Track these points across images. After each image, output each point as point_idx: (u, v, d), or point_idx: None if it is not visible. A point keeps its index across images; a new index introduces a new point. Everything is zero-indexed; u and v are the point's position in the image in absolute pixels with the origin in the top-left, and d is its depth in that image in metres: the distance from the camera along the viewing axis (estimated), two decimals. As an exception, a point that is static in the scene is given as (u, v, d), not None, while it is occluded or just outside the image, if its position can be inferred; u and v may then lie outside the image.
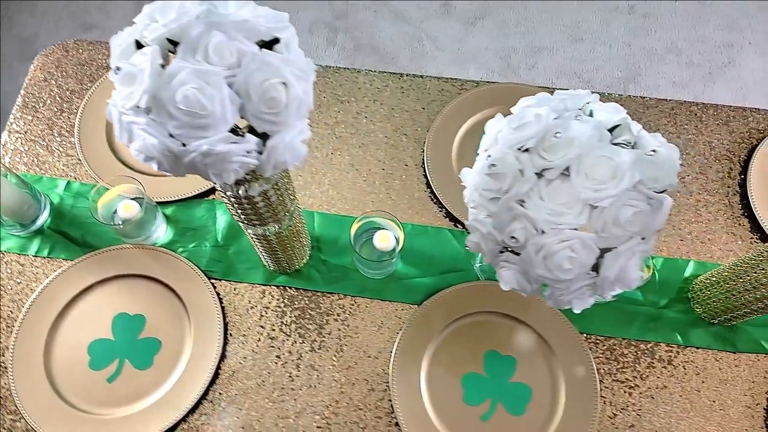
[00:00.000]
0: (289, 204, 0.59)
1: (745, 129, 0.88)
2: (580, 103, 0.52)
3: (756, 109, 0.90)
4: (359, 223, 0.74)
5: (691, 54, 1.85)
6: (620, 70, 1.83)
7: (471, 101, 0.91)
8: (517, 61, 1.84)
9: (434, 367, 0.74)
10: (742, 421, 0.71)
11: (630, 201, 0.43)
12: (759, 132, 0.88)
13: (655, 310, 0.77)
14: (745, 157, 0.86)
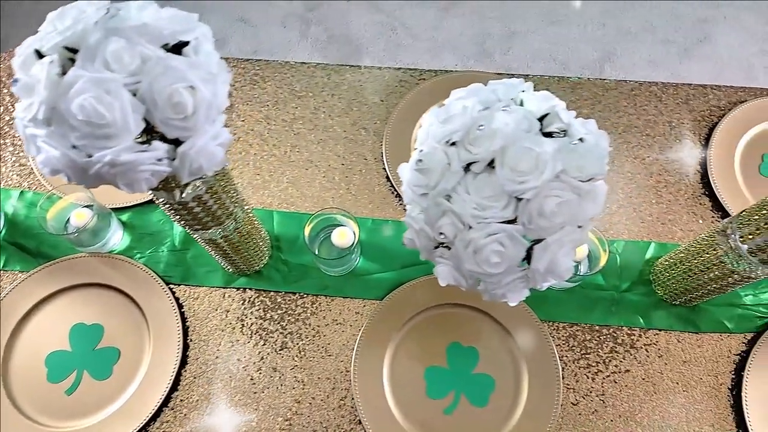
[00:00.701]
0: (231, 207, 0.59)
1: (705, 107, 0.87)
2: (513, 93, 0.51)
3: (717, 86, 0.89)
4: (312, 224, 0.74)
5: (666, 31, 1.83)
6: (596, 51, 1.81)
7: (429, 91, 0.90)
8: (492, 46, 1.82)
9: (396, 362, 0.74)
10: (706, 402, 0.71)
11: (554, 191, 0.42)
12: (720, 110, 0.87)
13: (617, 294, 0.77)
14: (705, 135, 0.86)
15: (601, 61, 1.79)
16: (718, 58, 1.78)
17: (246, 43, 1.83)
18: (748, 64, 1.78)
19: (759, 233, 0.54)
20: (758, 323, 0.75)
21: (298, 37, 1.83)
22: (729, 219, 0.61)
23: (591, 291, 0.77)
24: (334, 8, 1.87)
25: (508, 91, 0.51)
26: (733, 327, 0.75)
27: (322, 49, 1.81)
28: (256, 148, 0.86)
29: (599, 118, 0.88)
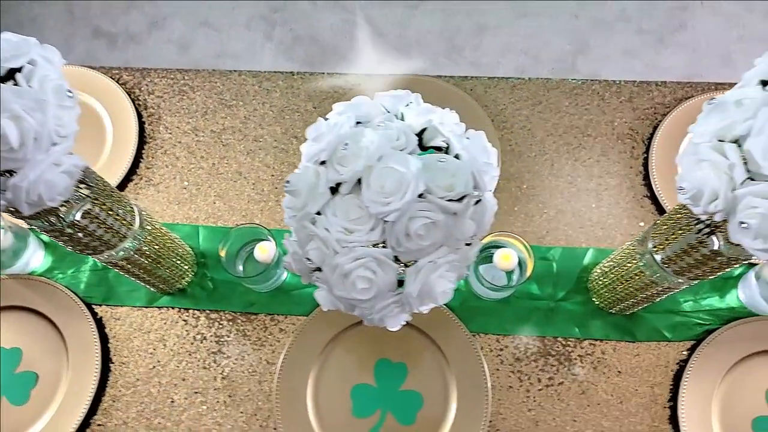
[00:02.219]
0: (123, 229, 0.56)
1: (649, 105, 0.84)
2: (399, 105, 0.48)
3: (662, 82, 0.85)
4: (229, 241, 0.71)
5: (641, 20, 1.78)
6: (569, 43, 1.77)
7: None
8: (462, 42, 1.78)
9: (322, 380, 0.71)
10: (641, 414, 0.69)
11: (420, 212, 0.39)
12: (664, 107, 0.83)
13: (553, 304, 0.74)
14: (648, 135, 0.82)
15: (573, 53, 1.74)
16: (695, 47, 1.74)
17: (210, 48, 1.80)
18: (726, 52, 1.73)
19: (668, 243, 0.51)
20: (698, 331, 0.71)
21: (262, 39, 1.80)
22: (648, 229, 0.58)
23: (525, 301, 0.74)
24: (299, 9, 1.84)
25: (395, 103, 0.48)
26: (671, 335, 0.72)
27: (287, 50, 1.78)
28: (183, 160, 0.83)
29: (539, 119, 0.84)
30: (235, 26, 1.85)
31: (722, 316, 0.72)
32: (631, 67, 1.72)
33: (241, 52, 1.80)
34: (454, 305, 0.74)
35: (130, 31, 1.87)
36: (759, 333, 0.70)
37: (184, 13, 1.89)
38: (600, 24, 1.79)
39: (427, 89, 0.87)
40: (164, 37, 1.87)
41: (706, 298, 0.73)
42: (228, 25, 1.85)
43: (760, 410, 0.68)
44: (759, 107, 0.35)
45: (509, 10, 1.83)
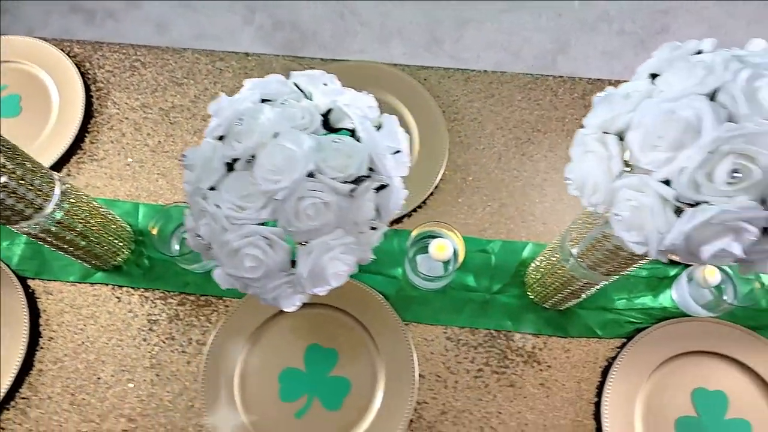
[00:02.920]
0: (38, 201, 0.56)
1: (599, 101, 0.84)
2: (313, 85, 0.48)
3: (617, 80, 0.85)
4: (162, 221, 0.70)
5: (623, 22, 1.78)
6: (550, 42, 1.76)
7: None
8: (443, 35, 1.77)
9: (251, 363, 0.71)
10: (566, 408, 0.69)
11: (309, 192, 0.39)
12: (615, 104, 0.83)
13: (488, 296, 0.74)
14: (596, 131, 0.82)
15: (554, 52, 1.74)
16: (673, 51, 1.73)
17: (188, 29, 1.78)
18: (705, 57, 1.72)
19: (582, 237, 0.51)
20: (629, 329, 0.72)
21: (242, 23, 1.78)
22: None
23: (460, 292, 0.74)
24: (281, -7, 1.83)
25: (308, 83, 0.48)
26: (602, 332, 0.72)
27: (266, 35, 1.76)
28: (129, 137, 0.82)
29: (491, 112, 0.84)
30: (215, 8, 1.83)
31: (655, 315, 0.73)
32: (610, 67, 1.72)
33: (220, 34, 1.79)
34: (389, 294, 0.74)
35: (108, 8, 1.85)
36: (688, 333, 0.71)
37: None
38: (582, 23, 1.79)
39: (380, 77, 0.87)
40: (142, 15, 1.85)
41: (639, 297, 0.73)
42: (208, 7, 1.83)
43: (685, 410, 0.68)
44: (641, 100, 0.34)
45: (493, 5, 1.82)
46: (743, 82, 0.31)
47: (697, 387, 0.69)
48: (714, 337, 0.71)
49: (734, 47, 0.39)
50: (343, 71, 0.86)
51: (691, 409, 0.68)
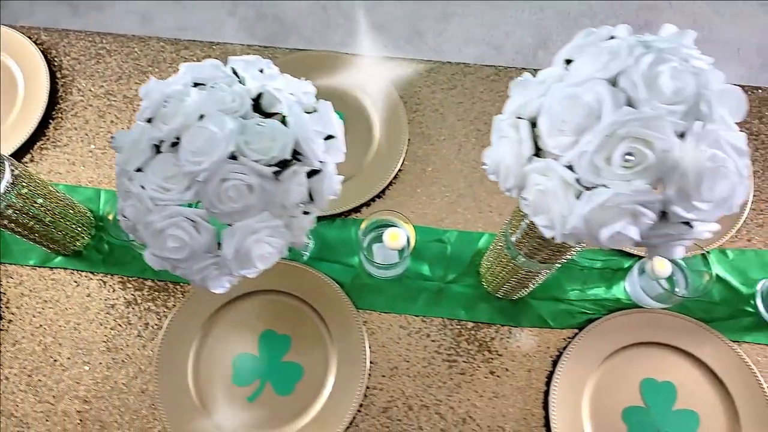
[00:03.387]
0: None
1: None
2: (250, 69, 0.48)
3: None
4: (116, 208, 0.71)
5: (606, 17, 1.78)
6: (531, 36, 1.76)
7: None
8: (426, 28, 1.77)
9: (205, 348, 0.72)
10: (514, 397, 0.69)
11: (231, 174, 0.40)
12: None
13: (443, 285, 0.75)
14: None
15: (535, 47, 1.74)
16: (656, 47, 1.73)
17: (172, 20, 1.78)
18: (688, 54, 1.73)
19: (518, 225, 0.52)
20: (580, 319, 0.72)
21: (225, 15, 1.78)
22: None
23: (415, 281, 0.75)
24: (265, -15, 1.82)
25: (246, 67, 0.48)
26: (554, 323, 0.72)
27: (249, 27, 1.76)
28: (92, 124, 0.83)
29: (452, 103, 0.84)
30: (199, 0, 1.83)
31: (607, 306, 0.73)
32: (592, 63, 1.72)
33: (203, 26, 1.79)
34: (345, 282, 0.74)
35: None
36: (639, 324, 0.71)
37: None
38: (564, 18, 1.79)
39: (341, 66, 0.88)
40: (127, 6, 1.85)
41: (592, 288, 0.74)
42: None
43: (633, 401, 0.69)
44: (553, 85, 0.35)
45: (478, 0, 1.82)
46: (645, 67, 0.31)
47: (645, 377, 0.70)
48: (665, 328, 0.72)
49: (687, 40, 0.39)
50: (305, 60, 0.88)
51: (639, 400, 0.69)
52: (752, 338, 0.71)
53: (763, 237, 0.76)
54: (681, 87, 0.31)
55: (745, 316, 0.72)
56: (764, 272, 0.74)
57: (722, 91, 0.32)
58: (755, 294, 0.73)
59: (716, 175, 0.30)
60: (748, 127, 0.82)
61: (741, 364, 0.69)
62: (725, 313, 0.73)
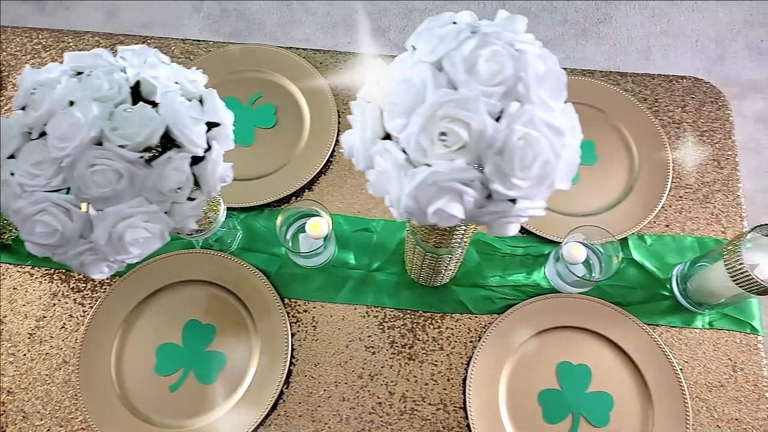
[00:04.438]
0: None
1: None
2: (136, 58, 0.49)
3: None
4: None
5: (565, 11, 1.79)
6: (494, 30, 1.77)
7: (213, 62, 0.86)
8: (388, 24, 1.78)
9: (129, 338, 0.72)
10: (435, 381, 0.70)
11: (96, 160, 0.40)
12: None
13: (367, 273, 0.76)
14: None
15: (498, 41, 1.75)
16: (616, 40, 1.75)
17: (138, 16, 1.78)
18: (646, 46, 1.74)
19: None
20: (501, 305, 0.74)
21: (190, 11, 1.78)
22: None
23: (341, 270, 0.76)
24: (229, -19, 1.83)
25: (133, 56, 0.49)
26: (474, 309, 0.74)
27: (214, 23, 1.76)
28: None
29: (383, 94, 0.85)
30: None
31: (528, 292, 0.75)
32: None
33: (168, 21, 1.79)
34: (270, 272, 0.75)
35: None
36: (556, 309, 0.73)
37: (115, -20, 1.86)
38: (525, 13, 1.79)
39: (274, 60, 0.88)
40: (94, 3, 1.85)
41: (513, 274, 0.75)
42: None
43: (548, 383, 0.70)
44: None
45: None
46: (467, 50, 0.32)
47: (561, 361, 0.71)
48: (582, 313, 0.73)
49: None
50: (239, 54, 0.88)
51: (555, 382, 0.70)
52: (667, 321, 0.73)
53: (680, 222, 0.77)
54: (498, 69, 0.32)
55: (661, 300, 0.74)
56: (681, 257, 0.76)
57: (543, 74, 0.33)
58: (671, 278, 0.75)
59: (528, 154, 0.31)
60: (671, 115, 0.83)
61: (654, 346, 0.71)
62: (642, 297, 0.74)
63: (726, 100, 0.84)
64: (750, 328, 0.72)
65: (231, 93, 0.85)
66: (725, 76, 1.76)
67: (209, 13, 1.79)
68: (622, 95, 0.84)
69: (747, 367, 0.71)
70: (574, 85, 0.84)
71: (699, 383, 0.70)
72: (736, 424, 0.68)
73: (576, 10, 1.78)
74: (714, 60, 1.74)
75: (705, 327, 0.72)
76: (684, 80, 0.85)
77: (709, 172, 0.80)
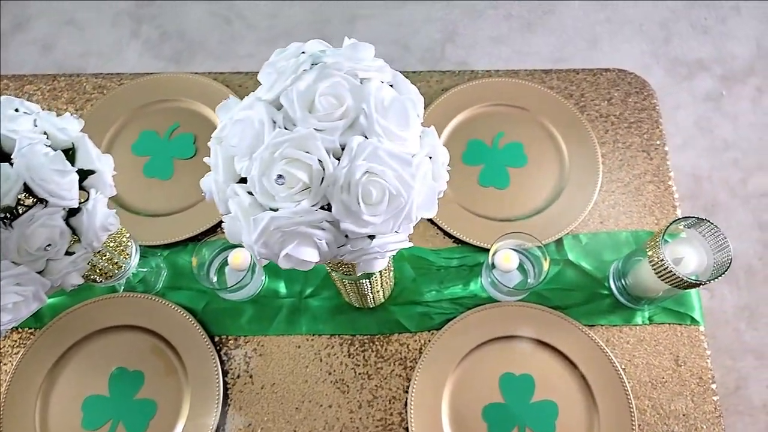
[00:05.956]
0: None
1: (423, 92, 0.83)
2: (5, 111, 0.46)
3: (440, 71, 0.85)
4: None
5: (510, 6, 1.79)
6: (439, 32, 1.76)
7: (123, 97, 0.83)
8: (332, 32, 1.75)
9: (53, 393, 0.69)
10: (378, 404, 0.68)
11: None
12: (429, 97, 0.83)
13: (300, 300, 0.73)
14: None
15: (442, 42, 1.74)
16: (562, 31, 1.75)
17: (74, 47, 1.73)
18: (593, 35, 1.75)
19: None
20: (438, 321, 0.71)
21: (128, 37, 1.74)
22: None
23: (272, 300, 0.73)
24: (166, 3, 1.78)
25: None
26: (412, 326, 0.71)
27: (154, 47, 1.72)
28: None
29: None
30: (100, 24, 1.78)
31: (466, 304, 0.73)
32: (498, 53, 1.73)
33: (105, 51, 1.74)
34: (197, 309, 0.72)
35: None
36: (494, 319, 0.71)
37: (49, 12, 1.81)
38: (470, 11, 1.79)
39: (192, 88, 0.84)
40: (28, 38, 1.79)
41: (449, 287, 0.73)
42: (93, 23, 1.78)
43: (492, 398, 0.68)
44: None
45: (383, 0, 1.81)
46: (303, 86, 0.30)
47: (504, 372, 0.69)
48: (520, 320, 0.71)
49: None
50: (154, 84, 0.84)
51: (499, 396, 0.68)
52: (607, 321, 0.71)
53: (614, 218, 0.76)
54: (338, 103, 0.29)
55: (600, 300, 0.73)
56: (617, 253, 0.74)
57: (389, 103, 0.31)
58: (608, 276, 0.73)
59: (373, 189, 0.29)
60: (597, 109, 0.82)
61: (595, 348, 0.69)
62: (581, 298, 0.73)
63: (651, 90, 0.83)
64: (690, 320, 0.71)
65: (148, 126, 0.82)
66: (673, 57, 1.77)
67: (148, 37, 1.74)
68: (547, 93, 0.82)
69: (690, 360, 0.70)
70: (498, 87, 0.83)
71: (642, 381, 0.69)
72: (683, 420, 0.67)
73: (521, 5, 1.77)
74: (660, 43, 1.75)
75: (645, 323, 0.71)
76: (608, 72, 0.84)
77: (639, 164, 0.79)
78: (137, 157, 0.81)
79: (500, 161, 0.80)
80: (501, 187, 0.79)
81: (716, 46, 1.76)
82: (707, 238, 0.62)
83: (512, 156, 0.80)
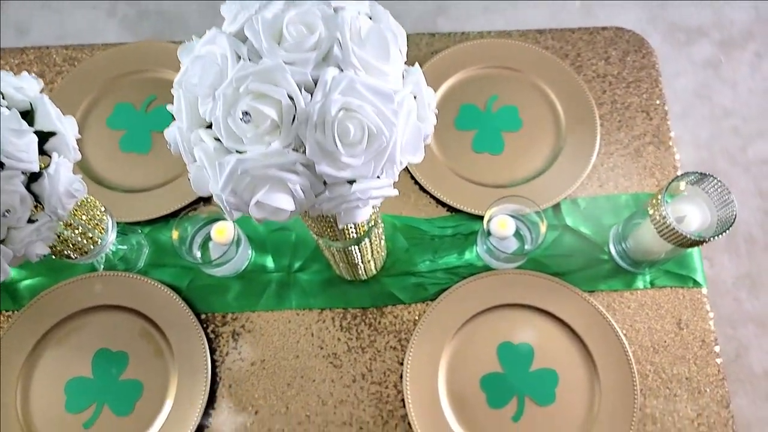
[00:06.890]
0: None
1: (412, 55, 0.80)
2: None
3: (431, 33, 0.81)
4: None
5: (501, -26, 1.74)
6: (429, 2, 1.71)
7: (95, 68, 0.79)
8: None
9: (34, 378, 0.66)
10: (374, 375, 0.66)
11: None
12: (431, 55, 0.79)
13: (289, 275, 0.70)
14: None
15: (434, 13, 1.69)
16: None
17: (50, 30, 1.67)
18: (587, 2, 1.70)
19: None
20: (432, 291, 0.69)
21: (105, 16, 1.68)
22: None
23: (260, 275, 0.70)
24: (144, -21, 1.72)
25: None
26: (406, 298, 0.69)
27: (132, 26, 1.66)
28: None
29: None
30: (76, 6, 1.72)
31: (461, 273, 0.70)
32: (491, 23, 1.68)
33: (83, 31, 1.68)
34: (181, 286, 0.69)
35: (-37, 15, 1.72)
36: (492, 287, 0.68)
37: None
38: (461, -19, 1.74)
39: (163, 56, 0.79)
40: (2, 21, 1.73)
41: (444, 257, 0.71)
42: (69, 5, 1.72)
43: (490, 367, 0.66)
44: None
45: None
46: (270, 14, 0.27)
47: (502, 342, 0.67)
48: (518, 288, 0.69)
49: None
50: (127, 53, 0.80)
51: (497, 365, 0.66)
52: (608, 286, 0.69)
53: (614, 180, 0.73)
54: (308, 33, 0.26)
55: (600, 265, 0.70)
56: (617, 217, 0.72)
57: (366, 33, 0.28)
58: (608, 241, 0.71)
59: (351, 126, 0.26)
60: (594, 69, 0.79)
61: (596, 314, 0.67)
62: (580, 264, 0.70)
63: (650, 48, 0.80)
64: (692, 282, 0.69)
65: (123, 98, 0.78)
66: (670, 23, 1.73)
67: (125, 15, 1.68)
68: (542, 53, 0.79)
69: (692, 323, 0.67)
70: (491, 48, 0.80)
71: (644, 346, 0.66)
72: (686, 384, 0.65)
73: (511, -27, 1.72)
74: (656, 8, 1.71)
75: (647, 287, 0.69)
76: (605, 31, 0.80)
77: (638, 124, 0.76)
78: (113, 131, 0.77)
79: (494, 126, 0.77)
80: (495, 153, 0.75)
81: (714, 10, 1.72)
82: (710, 195, 0.59)
83: (507, 120, 0.77)
